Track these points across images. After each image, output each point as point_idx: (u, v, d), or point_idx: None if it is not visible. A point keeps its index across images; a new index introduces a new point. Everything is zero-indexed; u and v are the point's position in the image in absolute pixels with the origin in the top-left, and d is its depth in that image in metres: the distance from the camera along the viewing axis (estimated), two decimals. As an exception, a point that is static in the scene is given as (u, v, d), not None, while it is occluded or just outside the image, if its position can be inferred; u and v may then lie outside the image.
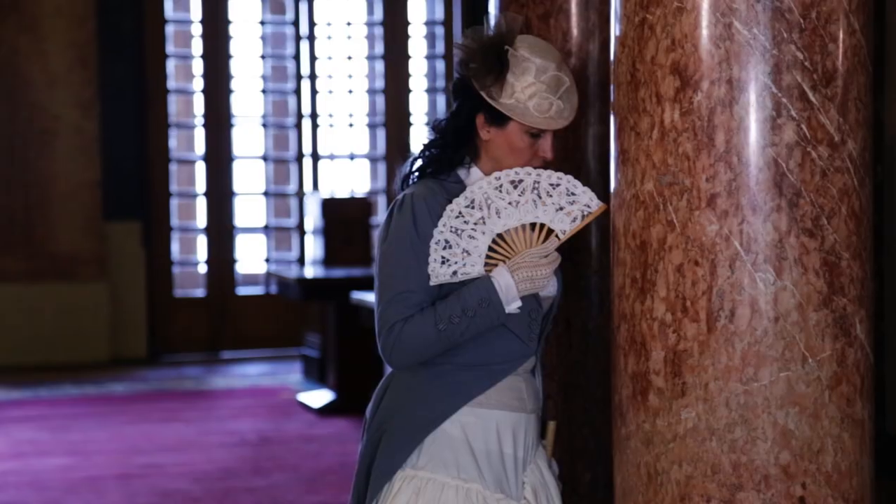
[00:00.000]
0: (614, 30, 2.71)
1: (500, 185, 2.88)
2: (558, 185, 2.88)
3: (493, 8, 3.40)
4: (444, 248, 2.86)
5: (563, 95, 2.89)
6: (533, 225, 2.89)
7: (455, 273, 2.87)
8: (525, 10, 3.30)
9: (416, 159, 2.98)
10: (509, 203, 2.87)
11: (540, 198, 2.88)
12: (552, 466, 3.07)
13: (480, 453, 2.92)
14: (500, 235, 2.89)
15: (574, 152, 3.33)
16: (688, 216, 2.58)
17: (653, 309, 2.63)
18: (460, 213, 2.87)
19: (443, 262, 2.86)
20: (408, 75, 11.67)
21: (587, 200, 2.88)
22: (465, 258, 2.86)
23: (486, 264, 2.88)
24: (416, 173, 2.97)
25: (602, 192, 3.07)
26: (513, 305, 2.86)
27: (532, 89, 2.86)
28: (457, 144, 2.94)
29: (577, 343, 3.39)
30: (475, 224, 2.87)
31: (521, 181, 2.88)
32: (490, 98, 2.87)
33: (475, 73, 2.87)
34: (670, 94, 2.59)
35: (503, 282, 2.85)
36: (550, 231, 2.89)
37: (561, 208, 2.88)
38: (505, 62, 2.85)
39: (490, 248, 2.88)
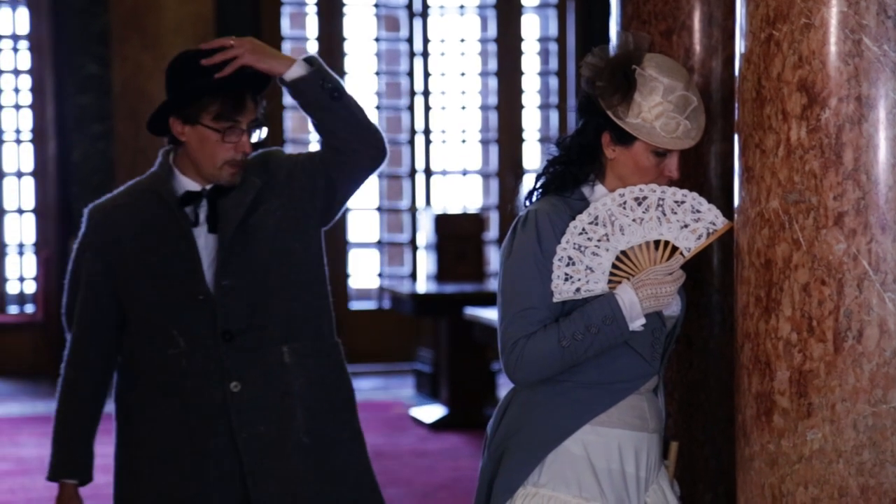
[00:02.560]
0: (739, 46, 2.69)
1: (625, 202, 2.87)
2: (683, 202, 2.86)
3: (614, 25, 3.39)
4: (568, 264, 2.86)
5: (690, 115, 2.87)
6: (657, 242, 2.88)
7: (578, 290, 2.86)
8: (647, 26, 3.29)
9: (540, 176, 2.99)
10: (633, 220, 2.86)
11: (664, 215, 2.86)
12: (674, 487, 3.05)
13: (602, 472, 2.91)
14: (623, 252, 2.88)
15: (696, 169, 3.30)
16: (814, 235, 2.55)
17: (778, 328, 2.61)
18: (584, 229, 2.86)
19: (566, 279, 2.86)
20: (521, 91, 11.68)
21: (712, 218, 2.86)
22: (588, 275, 2.86)
23: (610, 281, 2.87)
24: (540, 190, 2.98)
25: (724, 209, 3.04)
26: (636, 323, 2.85)
27: (659, 109, 2.85)
28: (581, 162, 2.94)
29: (697, 361, 3.37)
30: (599, 241, 2.86)
31: (645, 198, 2.87)
32: (616, 117, 2.86)
33: (602, 91, 2.86)
34: (797, 111, 2.56)
35: (627, 299, 2.84)
36: (675, 248, 2.87)
37: (686, 225, 2.86)
38: (632, 81, 2.85)
39: (613, 266, 2.88)
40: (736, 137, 2.73)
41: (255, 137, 3.25)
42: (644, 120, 2.86)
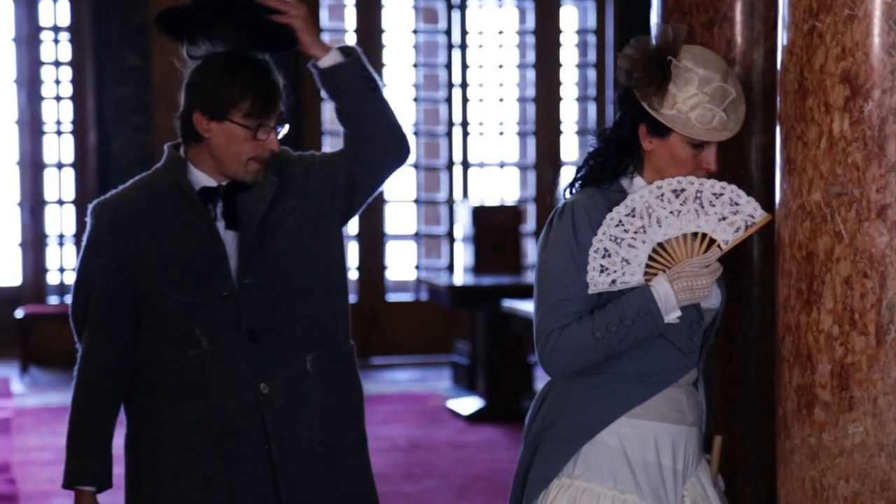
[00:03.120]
0: (781, 38, 2.68)
1: (662, 194, 2.86)
2: (722, 194, 2.85)
3: (655, 17, 3.38)
4: (604, 256, 2.85)
5: (728, 107, 2.86)
6: (694, 234, 2.87)
7: (614, 282, 2.86)
8: (688, 18, 3.28)
9: (580, 168, 2.99)
10: (671, 212, 2.85)
11: (702, 207, 2.85)
12: (718, 482, 3.04)
13: (637, 464, 2.90)
14: (660, 245, 2.87)
15: (737, 162, 3.29)
16: (856, 227, 2.54)
17: (819, 321, 2.59)
18: (620, 221, 2.86)
19: (601, 271, 2.86)
20: (559, 84, 11.65)
21: (751, 210, 2.85)
22: (624, 267, 2.85)
23: (646, 274, 2.87)
24: (580, 182, 2.98)
25: (765, 202, 3.03)
26: (672, 315, 2.84)
27: (694, 100, 2.84)
28: (620, 154, 2.94)
29: (737, 355, 3.35)
30: (635, 233, 2.85)
31: (683, 190, 2.86)
32: (651, 109, 2.86)
33: (637, 83, 2.86)
34: (840, 103, 2.55)
35: (662, 291, 2.83)
36: (712, 241, 2.86)
37: (724, 218, 2.85)
38: (667, 73, 2.84)
39: (650, 258, 2.87)
40: (778, 129, 2.71)
41: (280, 135, 3.19)
42: (679, 111, 2.85)
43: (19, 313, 10.29)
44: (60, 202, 10.99)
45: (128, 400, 3.25)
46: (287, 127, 3.20)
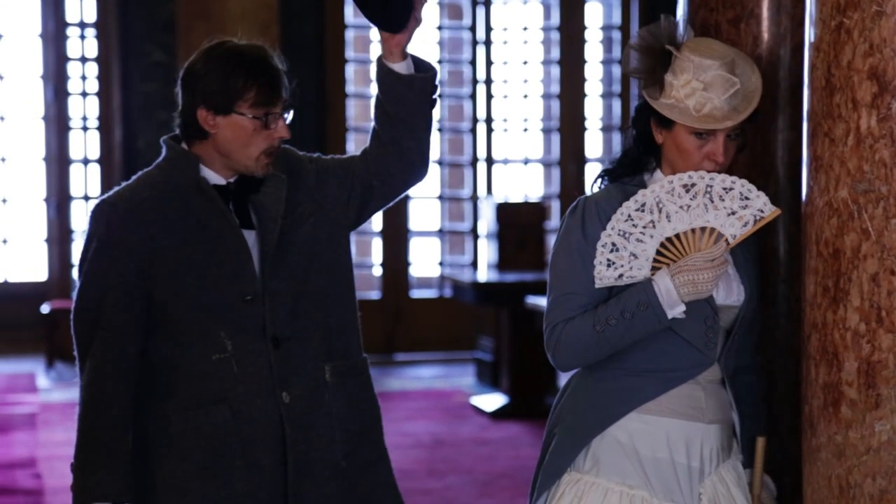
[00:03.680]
0: (809, 34, 2.67)
1: (673, 189, 2.85)
2: (732, 189, 2.84)
3: (681, 12, 3.37)
4: (611, 250, 2.85)
5: (733, 96, 2.83)
6: (703, 229, 2.85)
7: (621, 276, 2.85)
8: (715, 14, 3.26)
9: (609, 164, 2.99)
10: (680, 206, 2.84)
11: (712, 202, 2.84)
12: (768, 484, 3.02)
13: (647, 460, 2.89)
14: (669, 239, 2.86)
15: (763, 158, 3.28)
16: (884, 224, 2.53)
17: (846, 318, 2.58)
18: (629, 216, 2.85)
19: (608, 265, 2.85)
20: (583, 80, 11.64)
21: (761, 205, 2.84)
22: (631, 262, 2.85)
23: (653, 269, 2.86)
24: (605, 178, 2.98)
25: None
26: (676, 310, 2.82)
27: (689, 88, 2.83)
28: (640, 149, 2.94)
29: (763, 352, 3.34)
30: (644, 227, 2.85)
31: (693, 185, 2.85)
32: (650, 98, 2.85)
33: (637, 74, 2.86)
34: (867, 99, 2.54)
35: (663, 285, 2.82)
36: (721, 236, 2.85)
37: (733, 212, 2.83)
38: (664, 62, 2.84)
39: (658, 253, 2.86)
40: (804, 126, 2.70)
41: (286, 120, 3.09)
42: (676, 100, 2.84)
43: (45, 308, 10.34)
44: (86, 198, 11.04)
45: (138, 404, 3.10)
46: (292, 113, 3.11)
